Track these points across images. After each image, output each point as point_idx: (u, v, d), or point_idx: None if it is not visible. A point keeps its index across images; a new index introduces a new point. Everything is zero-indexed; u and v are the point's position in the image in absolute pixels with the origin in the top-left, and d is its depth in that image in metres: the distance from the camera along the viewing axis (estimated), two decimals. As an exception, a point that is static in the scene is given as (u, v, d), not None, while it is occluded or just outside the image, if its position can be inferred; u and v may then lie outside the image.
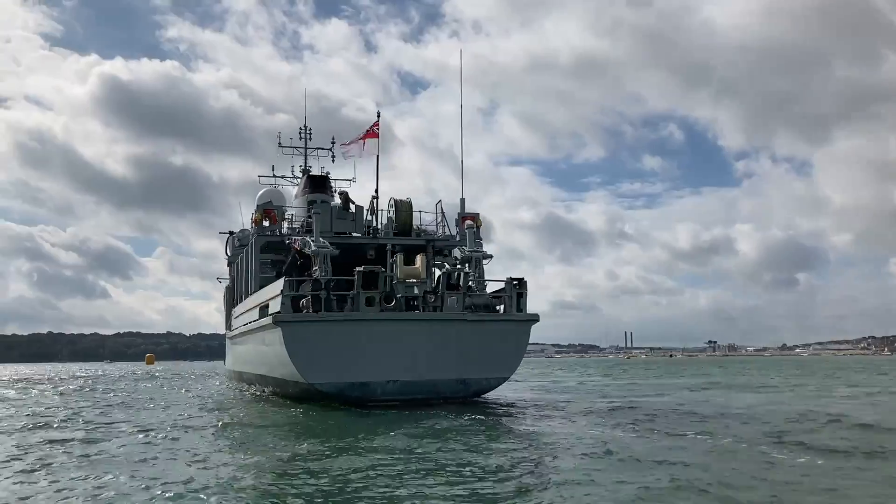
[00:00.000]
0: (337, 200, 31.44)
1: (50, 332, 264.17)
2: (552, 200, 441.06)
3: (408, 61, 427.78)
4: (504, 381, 23.25)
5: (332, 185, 37.05)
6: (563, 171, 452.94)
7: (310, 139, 43.69)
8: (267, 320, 22.46)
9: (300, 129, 44.18)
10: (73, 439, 13.66)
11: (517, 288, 22.92)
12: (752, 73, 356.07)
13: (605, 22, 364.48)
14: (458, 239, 28.12)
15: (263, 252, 28.23)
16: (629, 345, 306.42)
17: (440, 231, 29.18)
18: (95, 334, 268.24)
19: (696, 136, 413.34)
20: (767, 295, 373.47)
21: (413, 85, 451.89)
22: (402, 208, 28.26)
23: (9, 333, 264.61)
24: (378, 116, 29.01)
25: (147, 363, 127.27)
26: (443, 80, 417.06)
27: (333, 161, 42.77)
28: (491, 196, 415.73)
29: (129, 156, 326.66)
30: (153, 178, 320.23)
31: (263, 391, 28.19)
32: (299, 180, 38.62)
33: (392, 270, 23.02)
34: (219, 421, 17.49)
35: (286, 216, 28.89)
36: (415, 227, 28.98)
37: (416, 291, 22.29)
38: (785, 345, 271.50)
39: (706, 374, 51.56)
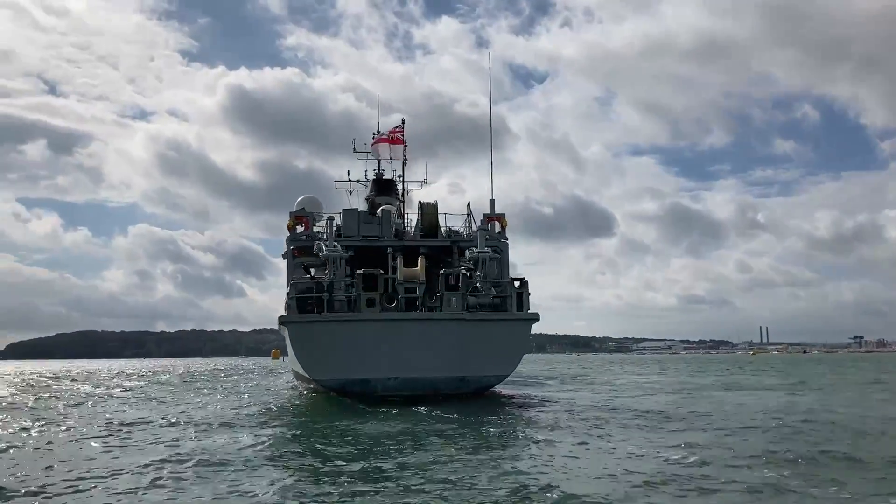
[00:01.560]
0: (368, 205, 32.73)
1: (193, 330, 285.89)
2: (677, 190, 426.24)
3: (519, 54, 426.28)
4: (504, 379, 23.75)
5: (406, 187, 38.92)
6: (688, 160, 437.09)
7: (382, 144, 45.52)
8: (283, 320, 24.16)
9: (373, 134, 46.14)
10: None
11: (518, 288, 23.39)
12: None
13: (726, 0, 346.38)
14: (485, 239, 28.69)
15: (299, 256, 29.96)
16: (764, 340, 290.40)
17: (469, 232, 29.74)
18: (234, 331, 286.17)
19: (834, 116, 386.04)
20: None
21: (525, 77, 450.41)
22: (428, 211, 29.13)
23: (158, 331, 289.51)
24: (402, 123, 30.04)
25: (272, 358, 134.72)
26: (556, 72, 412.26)
27: (405, 164, 44.45)
28: (611, 187, 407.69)
29: (257, 161, 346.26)
30: (280, 182, 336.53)
31: (307, 387, 29.89)
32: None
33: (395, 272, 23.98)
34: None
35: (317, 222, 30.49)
36: (444, 228, 29.75)
37: (417, 293, 23.17)
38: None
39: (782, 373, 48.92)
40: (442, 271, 23.42)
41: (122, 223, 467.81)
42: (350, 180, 44.20)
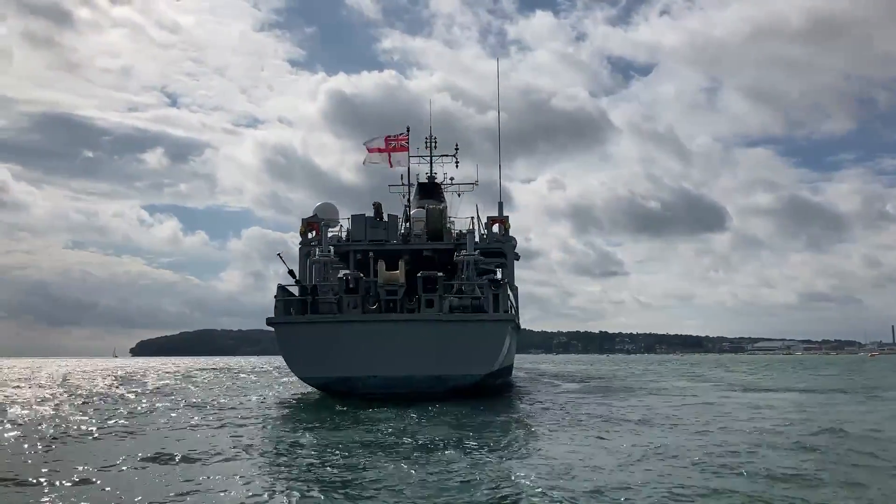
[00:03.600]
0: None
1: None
2: (795, 182, 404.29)
3: (617, 46, 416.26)
4: (480, 378, 24.30)
5: (457, 189, 40.40)
6: (806, 149, 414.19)
7: (435, 148, 46.88)
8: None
9: (426, 138, 47.43)
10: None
11: (494, 290, 24.00)
12: None
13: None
14: (488, 242, 29.39)
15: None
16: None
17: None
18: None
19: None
20: None
21: (625, 69, 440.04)
22: (433, 215, 30.10)
23: (272, 329, 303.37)
24: (407, 131, 31.08)
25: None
26: (658, 62, 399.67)
27: (457, 167, 45.61)
28: (721, 180, 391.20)
29: (359, 164, 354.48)
30: (382, 184, 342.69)
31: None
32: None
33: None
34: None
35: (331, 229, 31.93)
36: (453, 231, 30.57)
37: (397, 295, 24.17)
38: None
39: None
40: (419, 274, 24.31)
41: (236, 226, 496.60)
42: (403, 184, 45.96)
